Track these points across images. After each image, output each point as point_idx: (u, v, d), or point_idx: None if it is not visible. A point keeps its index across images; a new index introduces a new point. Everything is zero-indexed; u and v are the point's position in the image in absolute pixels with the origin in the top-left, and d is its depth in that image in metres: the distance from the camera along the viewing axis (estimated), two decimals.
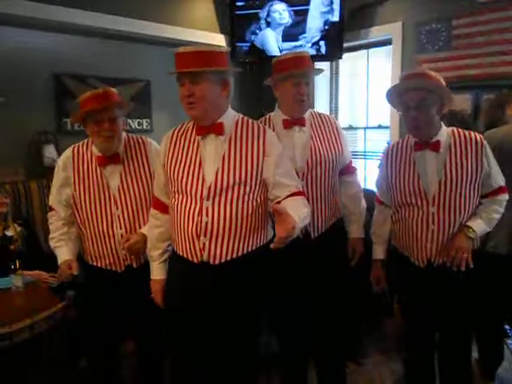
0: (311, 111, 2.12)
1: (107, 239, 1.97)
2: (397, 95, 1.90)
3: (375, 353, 2.75)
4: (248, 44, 3.70)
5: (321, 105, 4.11)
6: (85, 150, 2.05)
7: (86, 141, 2.08)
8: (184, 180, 1.70)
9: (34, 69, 2.81)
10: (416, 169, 1.94)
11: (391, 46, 3.48)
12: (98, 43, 3.25)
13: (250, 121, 1.78)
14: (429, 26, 3.19)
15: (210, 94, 1.64)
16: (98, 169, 2.00)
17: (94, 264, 2.02)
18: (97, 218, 1.98)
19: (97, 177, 1.99)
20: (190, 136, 1.76)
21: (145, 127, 3.59)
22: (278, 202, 1.71)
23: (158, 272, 1.85)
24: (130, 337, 2.31)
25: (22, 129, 1.92)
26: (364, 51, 3.92)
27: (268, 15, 3.61)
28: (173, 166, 1.75)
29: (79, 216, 2.03)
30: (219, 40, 3.75)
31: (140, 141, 2.10)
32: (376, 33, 3.49)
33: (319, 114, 2.15)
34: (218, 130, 1.70)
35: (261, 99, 3.92)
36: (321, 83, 4.12)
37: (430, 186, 1.89)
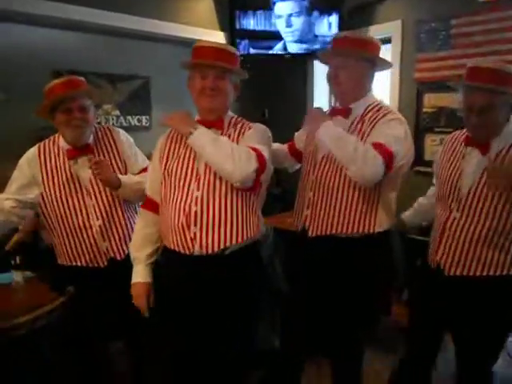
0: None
1: (84, 232, 1.95)
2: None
3: (371, 349, 2.77)
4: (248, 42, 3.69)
5: (320, 103, 4.11)
6: (51, 145, 2.01)
7: (51, 137, 2.04)
8: (178, 172, 1.73)
9: (35, 65, 2.82)
10: (461, 163, 1.81)
11: (390, 45, 3.47)
12: (98, 40, 3.26)
13: (242, 120, 1.84)
14: (428, 24, 3.19)
15: (230, 91, 1.74)
16: (67, 163, 1.96)
17: (74, 264, 1.98)
18: (70, 213, 1.94)
19: (65, 170, 1.96)
20: None
21: (144, 124, 3.59)
22: None
23: (143, 274, 1.80)
24: (118, 336, 2.26)
25: (24, 124, 1.93)
26: None
27: None
28: (169, 159, 1.78)
29: (51, 214, 1.98)
30: (219, 37, 3.74)
31: (107, 130, 2.08)
32: (375, 31, 3.48)
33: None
34: (219, 125, 1.76)
35: (261, 98, 3.92)
36: (320, 81, 4.12)
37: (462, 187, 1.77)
